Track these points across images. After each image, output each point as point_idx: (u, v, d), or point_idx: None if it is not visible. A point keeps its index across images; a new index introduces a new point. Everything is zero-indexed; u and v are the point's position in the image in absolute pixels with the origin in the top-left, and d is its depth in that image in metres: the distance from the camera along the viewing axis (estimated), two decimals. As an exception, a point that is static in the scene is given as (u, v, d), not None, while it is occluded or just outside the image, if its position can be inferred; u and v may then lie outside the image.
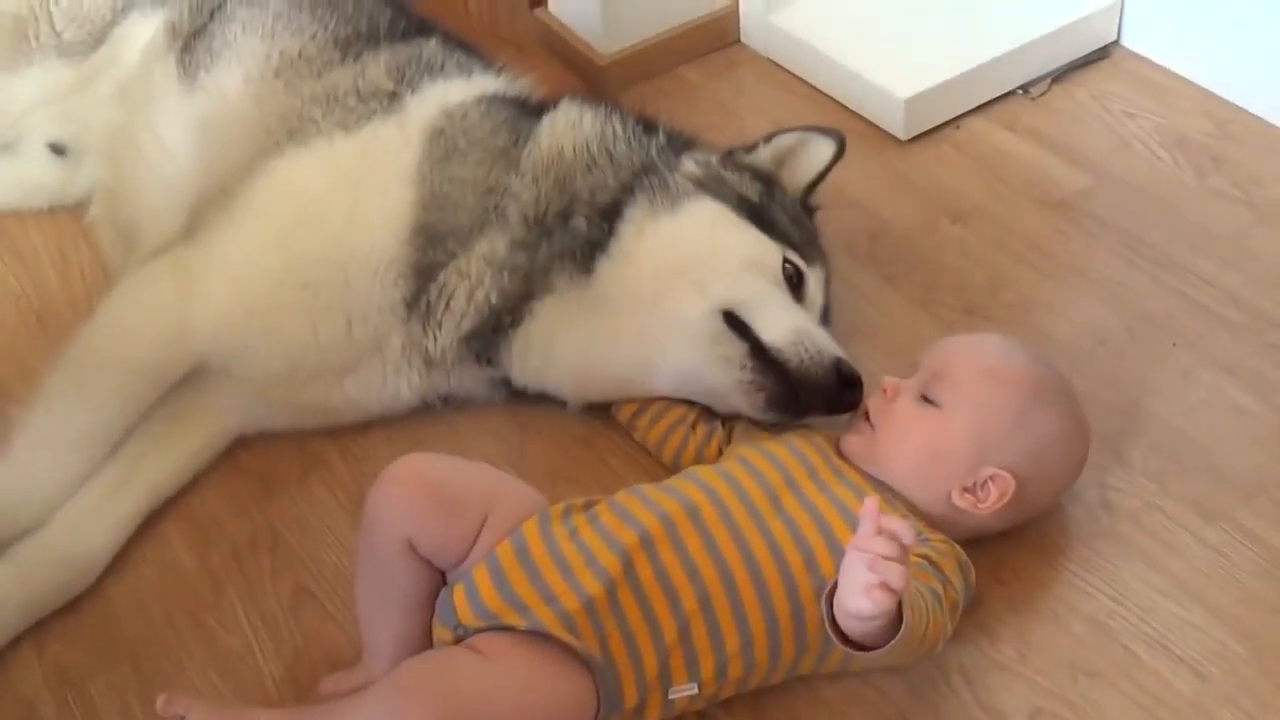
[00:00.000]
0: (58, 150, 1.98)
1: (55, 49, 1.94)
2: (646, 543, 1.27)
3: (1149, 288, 1.74)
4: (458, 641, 1.25)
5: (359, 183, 1.57)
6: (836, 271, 1.71)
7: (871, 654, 1.16)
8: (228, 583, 1.50)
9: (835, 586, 1.15)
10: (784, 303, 1.52)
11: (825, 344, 1.48)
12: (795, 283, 1.55)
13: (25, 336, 1.82)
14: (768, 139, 1.69)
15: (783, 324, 1.48)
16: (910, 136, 2.00)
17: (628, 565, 1.25)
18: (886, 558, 1.08)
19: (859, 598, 1.09)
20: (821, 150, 1.69)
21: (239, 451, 1.64)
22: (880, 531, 1.10)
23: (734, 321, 1.49)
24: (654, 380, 1.55)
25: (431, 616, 1.31)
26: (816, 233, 1.67)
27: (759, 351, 1.47)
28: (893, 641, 1.13)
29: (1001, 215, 1.87)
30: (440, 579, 1.31)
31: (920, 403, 1.40)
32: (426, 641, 1.31)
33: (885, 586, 1.07)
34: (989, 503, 1.34)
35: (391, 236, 1.54)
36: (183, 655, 1.43)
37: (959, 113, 2.03)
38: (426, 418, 1.64)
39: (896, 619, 1.13)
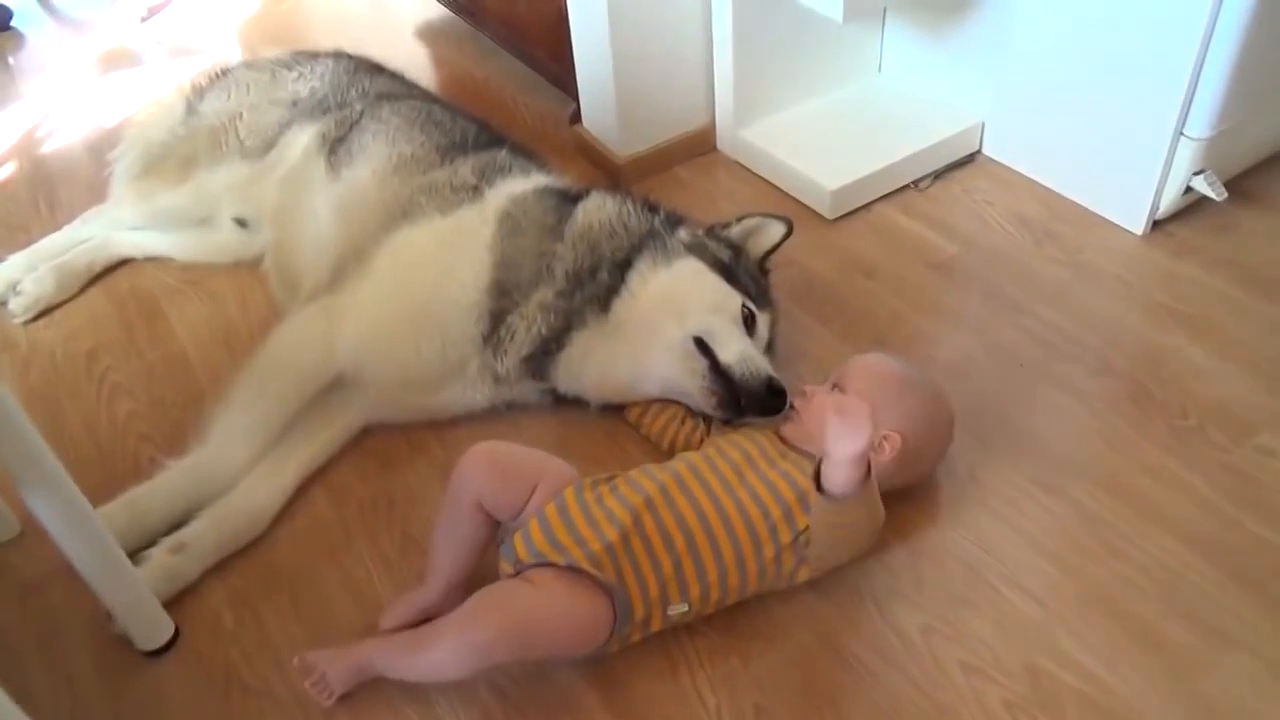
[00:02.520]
0: (241, 223, 1.93)
1: (239, 152, 1.90)
2: (649, 503, 1.24)
3: (1003, 325, 1.68)
4: (516, 574, 1.23)
5: (452, 251, 1.53)
6: (784, 313, 1.66)
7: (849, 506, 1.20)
8: (356, 531, 1.45)
9: (820, 466, 1.19)
10: (738, 335, 1.49)
11: (762, 365, 1.46)
12: (749, 322, 1.52)
13: (216, 356, 1.77)
14: (739, 220, 1.65)
15: (733, 349, 1.46)
16: (835, 216, 1.95)
17: (636, 519, 1.22)
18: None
19: (848, 440, 1.14)
20: (775, 230, 1.66)
21: (365, 438, 1.59)
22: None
23: (702, 345, 1.46)
24: (648, 385, 1.51)
25: (479, 560, 1.30)
26: (769, 288, 1.63)
27: (715, 368, 1.44)
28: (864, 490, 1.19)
29: (898, 272, 1.82)
30: (493, 533, 1.30)
31: (831, 393, 1.37)
32: (472, 574, 1.29)
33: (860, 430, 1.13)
34: (885, 454, 1.31)
35: (474, 288, 1.50)
36: (324, 583, 1.39)
37: (869, 200, 1.98)
38: (497, 417, 1.59)
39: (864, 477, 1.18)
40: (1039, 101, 1.91)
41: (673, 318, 1.48)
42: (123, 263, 2.00)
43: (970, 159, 2.06)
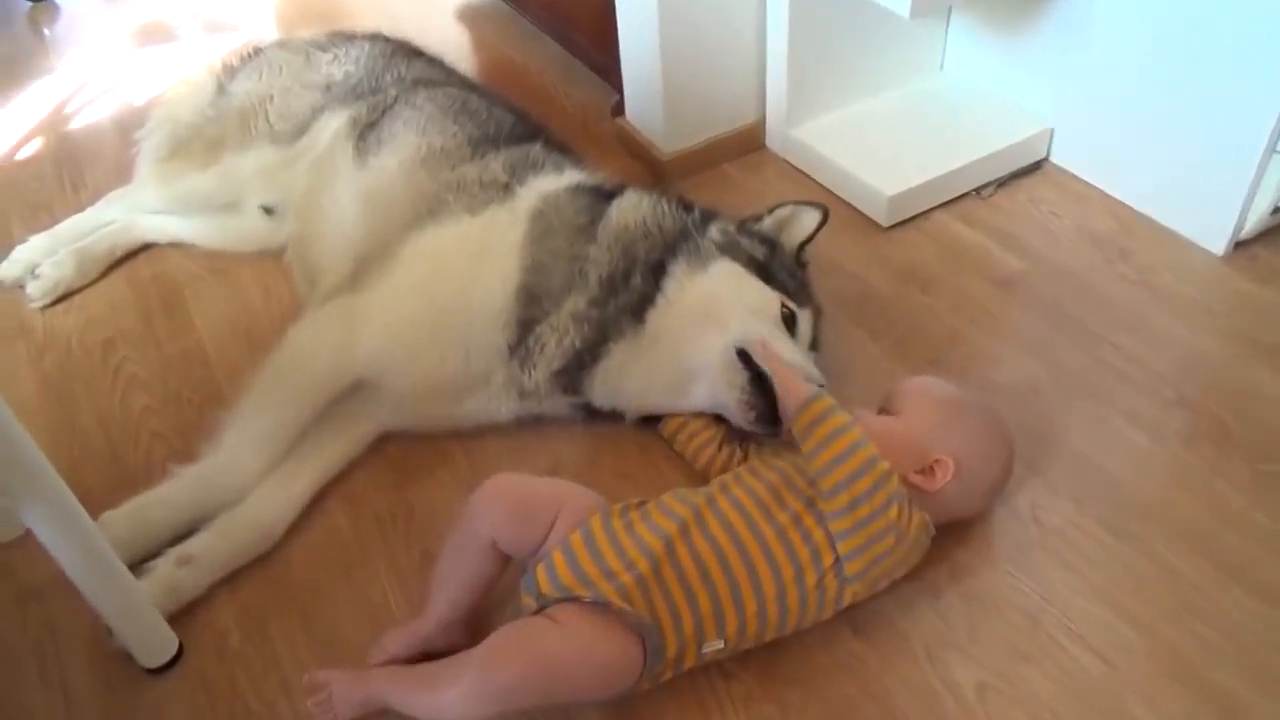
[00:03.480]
0: (267, 210, 1.85)
1: (269, 137, 1.83)
2: (683, 530, 1.15)
3: (1069, 348, 1.57)
4: (539, 609, 1.14)
5: (479, 253, 1.44)
6: (832, 326, 1.56)
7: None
8: (372, 547, 1.37)
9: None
10: (781, 340, 1.39)
11: (814, 374, 1.35)
12: (790, 322, 1.43)
13: (235, 351, 1.70)
14: (770, 210, 1.55)
15: (782, 358, 1.34)
16: (890, 224, 1.84)
17: (669, 548, 1.14)
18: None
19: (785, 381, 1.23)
20: (809, 218, 1.56)
21: (386, 445, 1.51)
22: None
23: (744, 356, 1.36)
24: (693, 399, 1.42)
25: (483, 599, 1.22)
26: (807, 282, 1.53)
27: (757, 380, 1.34)
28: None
29: (958, 287, 1.70)
30: (503, 570, 1.22)
31: (879, 415, 1.29)
32: (471, 617, 1.21)
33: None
34: (937, 480, 1.21)
35: (502, 293, 1.41)
36: (337, 600, 1.31)
37: (927, 208, 1.86)
38: (526, 428, 1.50)
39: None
40: (1113, 107, 1.79)
41: (713, 325, 1.38)
42: (145, 248, 1.93)
43: (1037, 167, 1.94)
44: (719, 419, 1.42)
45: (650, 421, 1.48)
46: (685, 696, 1.17)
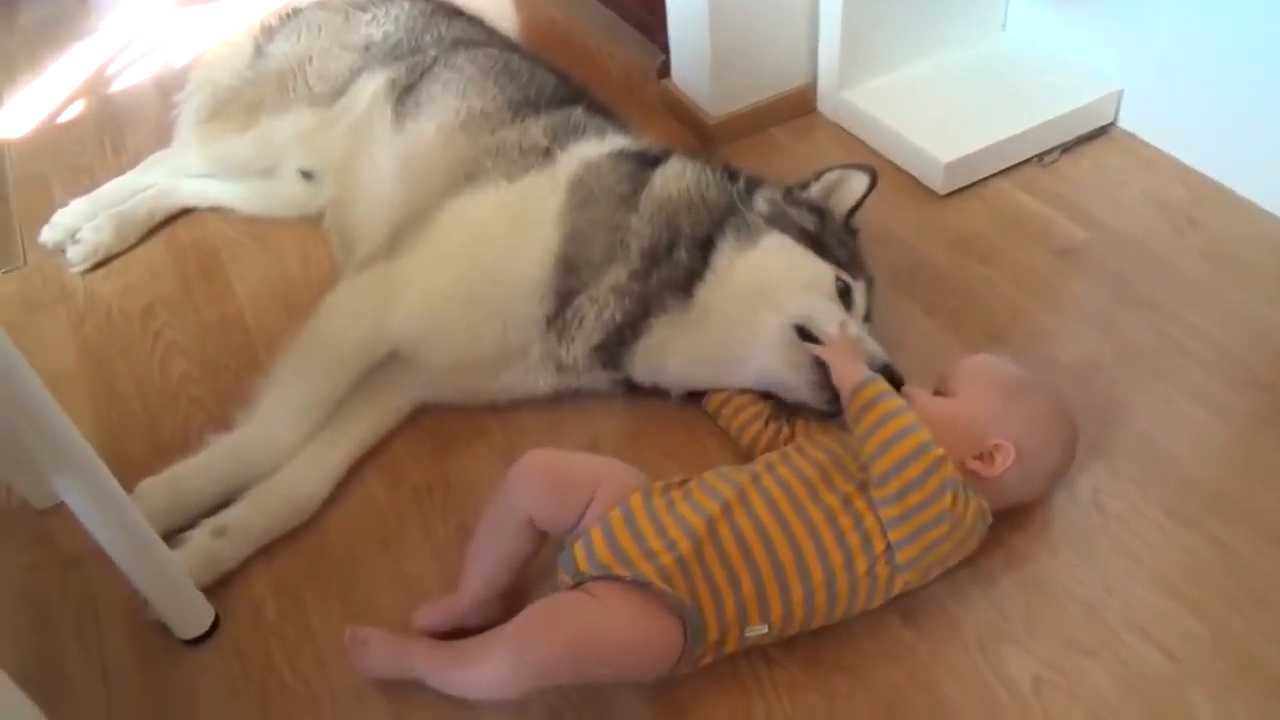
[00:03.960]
0: (306, 175, 1.82)
1: (307, 99, 1.80)
2: (726, 510, 1.11)
3: (1136, 324, 1.49)
4: (575, 586, 1.11)
5: (518, 222, 1.39)
6: (884, 299, 1.50)
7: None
8: (409, 519, 1.35)
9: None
10: (839, 315, 1.33)
11: (876, 351, 1.30)
12: (844, 295, 1.37)
13: (273, 317, 1.68)
14: (817, 176, 1.49)
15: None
16: (948, 192, 1.76)
17: (711, 528, 1.10)
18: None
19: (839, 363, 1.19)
20: (859, 182, 1.49)
21: (423, 415, 1.48)
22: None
23: (804, 334, 1.30)
24: (743, 376, 1.37)
25: (519, 575, 1.19)
26: (859, 250, 1.47)
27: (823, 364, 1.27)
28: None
29: (1018, 259, 1.63)
30: (539, 547, 1.19)
31: (934, 397, 1.23)
32: (507, 593, 1.19)
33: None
34: (996, 466, 1.16)
35: (541, 266, 1.37)
36: (373, 573, 1.29)
37: (986, 175, 1.78)
38: (564, 401, 1.46)
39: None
40: (1185, 68, 1.69)
41: (767, 304, 1.33)
42: (184, 212, 1.92)
43: (1104, 131, 1.84)
44: (765, 395, 1.37)
45: (694, 396, 1.44)
46: (726, 681, 1.14)
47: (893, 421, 1.11)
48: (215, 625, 1.25)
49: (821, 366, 1.27)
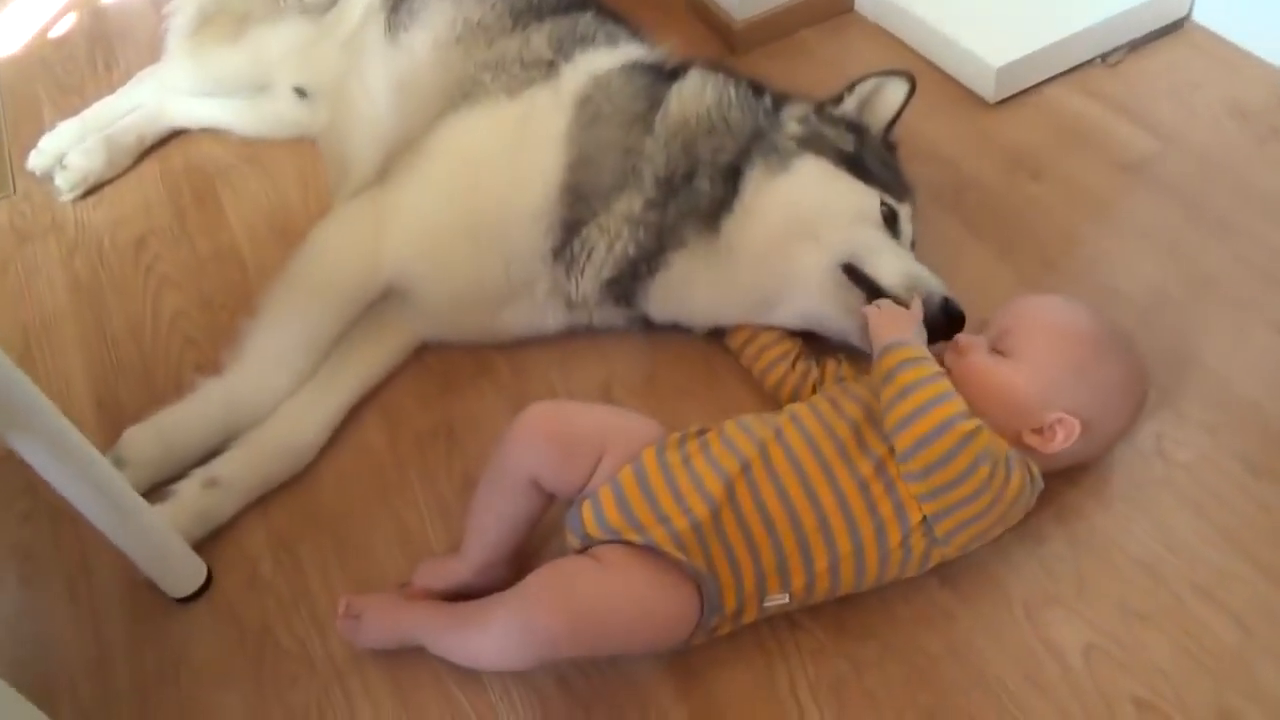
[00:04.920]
0: (301, 93, 1.69)
1: (298, 8, 1.66)
2: (746, 470, 1.01)
3: (1209, 249, 1.34)
4: (584, 549, 1.02)
5: (519, 144, 1.26)
6: (925, 221, 1.35)
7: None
8: (410, 467, 1.27)
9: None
10: (891, 248, 1.21)
11: (934, 285, 1.18)
12: (891, 221, 1.24)
13: (271, 248, 1.58)
14: (850, 87, 1.33)
15: (892, 269, 1.18)
16: (998, 100, 1.59)
17: (730, 491, 1.00)
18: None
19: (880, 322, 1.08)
20: (896, 91, 1.33)
21: (425, 354, 1.39)
22: None
23: (852, 272, 1.18)
24: (777, 317, 1.25)
25: (525, 537, 1.10)
26: (900, 169, 1.33)
27: (879, 295, 1.16)
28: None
29: (1076, 175, 1.47)
30: (547, 507, 1.09)
31: (991, 355, 1.09)
32: (513, 556, 1.10)
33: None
34: (1055, 442, 1.03)
35: (544, 194, 1.24)
36: (372, 528, 1.22)
37: (1042, 79, 1.61)
38: (576, 338, 1.36)
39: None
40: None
41: (806, 239, 1.20)
42: (177, 135, 1.81)
43: (1176, 27, 1.65)
44: (795, 332, 1.26)
45: (716, 331, 1.32)
46: (747, 649, 1.05)
47: (917, 392, 0.99)
48: (209, 581, 1.19)
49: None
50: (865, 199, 1.23)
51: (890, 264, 1.18)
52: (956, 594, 1.07)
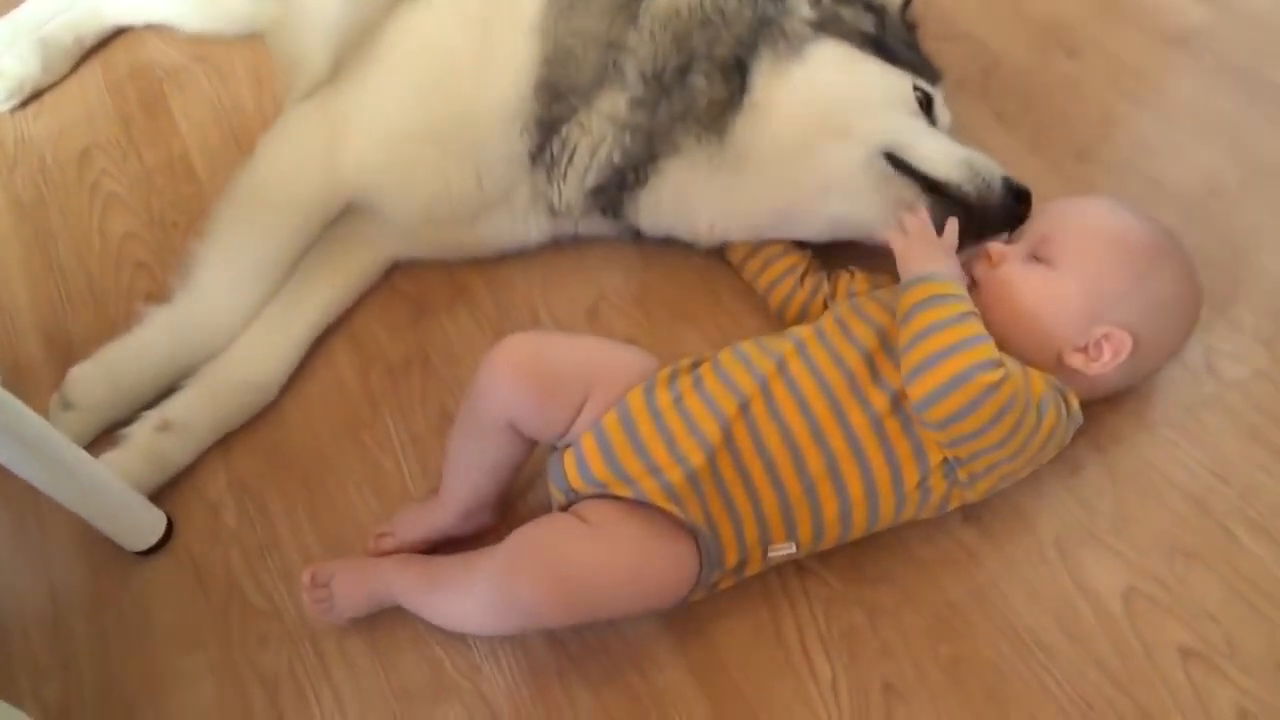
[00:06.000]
0: (250, -19, 1.53)
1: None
2: (745, 409, 0.90)
3: (1269, 133, 1.19)
4: (569, 504, 0.92)
5: (486, 33, 1.10)
6: (950, 108, 1.18)
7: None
8: (383, 401, 1.16)
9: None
10: (933, 133, 1.07)
11: (992, 167, 1.04)
12: (926, 107, 1.09)
13: (225, 157, 1.44)
14: None
15: (948, 156, 1.04)
16: (1028, -36, 1.42)
17: (728, 434, 0.89)
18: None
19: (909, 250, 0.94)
20: None
21: (396, 276, 1.26)
22: None
23: (897, 162, 1.04)
24: (803, 227, 1.11)
25: (509, 480, 1.00)
26: (924, 52, 1.18)
27: (933, 188, 1.02)
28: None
29: (1116, 50, 1.31)
30: (531, 449, 0.98)
31: (1029, 263, 0.96)
32: (498, 500, 1.01)
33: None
34: (1103, 361, 0.91)
35: (516, 92, 1.09)
36: (343, 470, 1.12)
37: (1079, -61, 1.43)
38: (561, 253, 1.23)
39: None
40: None
41: (835, 133, 1.05)
42: (120, 32, 1.65)
43: None
44: (801, 244, 1.13)
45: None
46: (751, 599, 0.96)
47: (935, 337, 0.86)
48: (169, 532, 1.10)
49: (932, 196, 1.02)
50: (898, 83, 1.08)
51: (937, 149, 1.04)
52: (982, 531, 0.97)
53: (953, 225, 0.98)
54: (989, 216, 1.01)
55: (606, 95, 1.08)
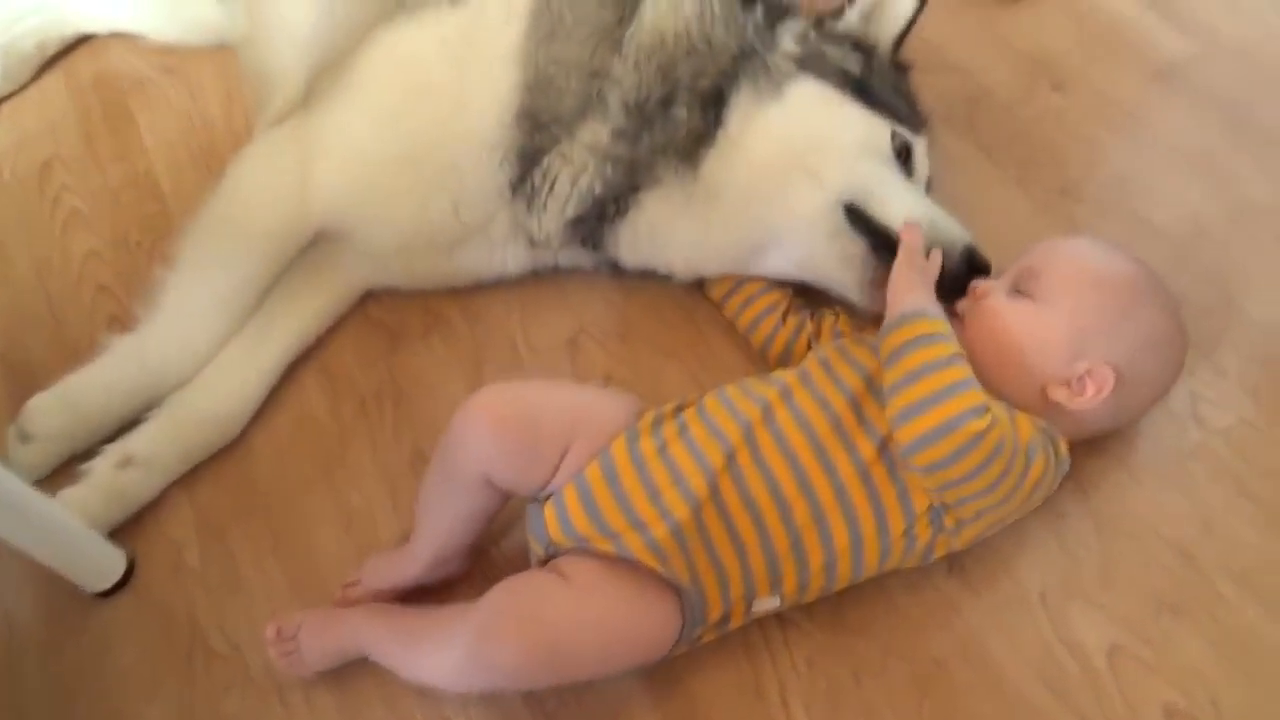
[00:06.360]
0: (221, -9, 1.48)
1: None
2: (731, 460, 0.88)
3: (1255, 172, 1.18)
4: (548, 558, 0.89)
5: (465, 60, 1.06)
6: (932, 141, 1.17)
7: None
8: (354, 437, 1.13)
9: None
10: (902, 187, 1.04)
11: (954, 233, 1.01)
12: (904, 157, 1.06)
13: (192, 176, 1.39)
14: None
15: (911, 213, 1.00)
16: (1015, -6, 1.40)
17: (713, 486, 0.87)
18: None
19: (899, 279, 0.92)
20: (905, 1, 1.12)
21: (370, 305, 1.22)
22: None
23: (856, 215, 1.01)
24: (767, 267, 1.09)
25: (482, 531, 0.96)
26: (914, 95, 1.14)
27: (882, 246, 1.00)
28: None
29: (1102, 83, 1.30)
30: (500, 505, 0.95)
31: (1013, 297, 0.94)
32: (471, 548, 0.98)
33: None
34: (1086, 397, 0.90)
35: (495, 120, 1.06)
36: (312, 508, 1.09)
37: (1067, -32, 1.41)
38: (540, 284, 1.20)
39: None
40: None
41: (803, 174, 1.03)
42: (84, 41, 1.59)
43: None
44: (785, 282, 1.10)
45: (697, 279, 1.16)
46: (732, 653, 0.94)
47: (923, 381, 0.84)
48: (130, 572, 1.06)
49: (880, 256, 0.99)
50: (874, 129, 1.05)
51: (901, 205, 1.01)
52: (965, 582, 0.95)
53: (937, 254, 0.97)
54: (941, 282, 0.97)
55: (589, 125, 1.06)
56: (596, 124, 1.05)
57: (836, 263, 1.03)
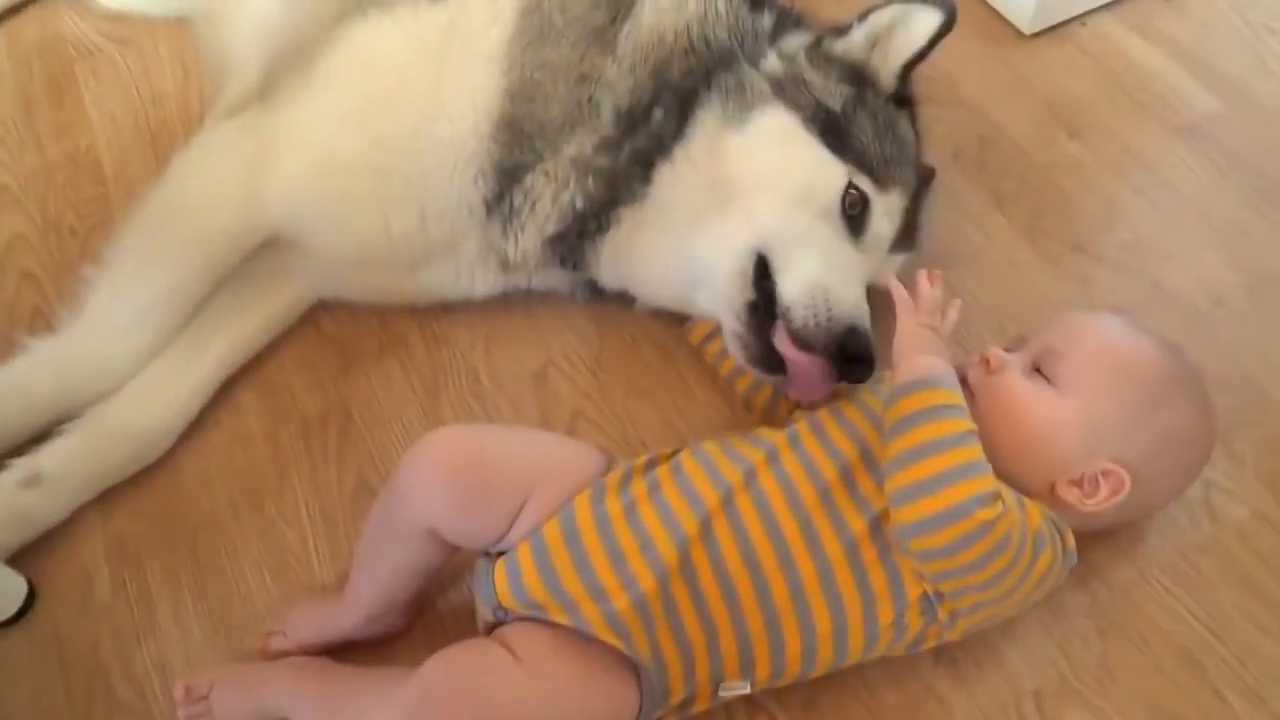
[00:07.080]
0: (183, -43, 1.37)
1: None
2: (706, 528, 0.79)
3: (1276, 237, 1.12)
4: (496, 623, 0.80)
5: (443, 61, 0.97)
6: (942, 181, 1.11)
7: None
8: (293, 466, 1.03)
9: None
10: (819, 248, 0.93)
11: (845, 314, 0.91)
12: (857, 211, 0.95)
13: (138, 158, 1.29)
14: (862, 17, 1.01)
15: (803, 275, 0.91)
16: (1035, 31, 1.33)
17: (684, 555, 0.78)
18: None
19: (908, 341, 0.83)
20: (923, 23, 0.99)
21: (322, 317, 1.13)
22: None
23: (760, 265, 0.93)
24: (693, 301, 1.01)
25: (420, 588, 0.88)
26: (910, 138, 1.03)
27: (760, 306, 0.93)
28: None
29: (1123, 134, 1.23)
30: (445, 559, 0.86)
31: (1031, 376, 0.86)
32: (411, 605, 0.89)
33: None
34: (1097, 499, 0.82)
35: (473, 129, 0.96)
36: (240, 545, 0.99)
37: (1089, 8, 1.34)
38: (510, 308, 1.11)
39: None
40: None
41: (739, 210, 0.94)
42: (30, 1, 1.48)
43: (1253, -47, 1.39)
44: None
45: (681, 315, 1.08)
46: (693, 738, 0.86)
47: (931, 459, 0.76)
48: (30, 601, 0.95)
49: (755, 314, 0.93)
50: (822, 176, 0.95)
51: (804, 267, 0.92)
52: (955, 677, 0.87)
53: (955, 306, 0.88)
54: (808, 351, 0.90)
55: (576, 138, 0.96)
56: (584, 135, 0.96)
57: (723, 308, 0.95)
